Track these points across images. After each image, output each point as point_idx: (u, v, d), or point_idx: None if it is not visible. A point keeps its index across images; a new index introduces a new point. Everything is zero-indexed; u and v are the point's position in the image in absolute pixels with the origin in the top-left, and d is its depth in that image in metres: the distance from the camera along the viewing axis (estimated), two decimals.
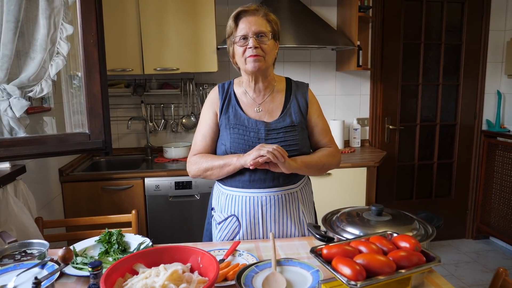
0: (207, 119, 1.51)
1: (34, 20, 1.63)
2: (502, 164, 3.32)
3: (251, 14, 1.38)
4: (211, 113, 1.51)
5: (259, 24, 1.37)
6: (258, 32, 1.36)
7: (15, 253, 1.26)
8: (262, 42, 1.37)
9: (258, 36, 1.37)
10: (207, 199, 1.66)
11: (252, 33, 1.36)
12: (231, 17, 1.41)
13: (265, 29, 1.38)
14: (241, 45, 1.38)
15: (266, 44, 1.38)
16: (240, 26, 1.38)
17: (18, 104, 1.61)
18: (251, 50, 1.36)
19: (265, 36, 1.38)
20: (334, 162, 1.53)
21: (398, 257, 0.89)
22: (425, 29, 3.35)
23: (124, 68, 2.67)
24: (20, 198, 1.80)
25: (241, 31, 1.37)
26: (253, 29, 1.36)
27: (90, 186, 2.48)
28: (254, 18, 1.38)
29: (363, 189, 2.80)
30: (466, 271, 3.08)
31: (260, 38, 1.37)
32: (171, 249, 1.09)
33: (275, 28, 1.43)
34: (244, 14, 1.39)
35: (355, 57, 2.95)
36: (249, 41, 1.36)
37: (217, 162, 1.42)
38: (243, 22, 1.38)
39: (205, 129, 1.51)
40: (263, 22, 1.38)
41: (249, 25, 1.36)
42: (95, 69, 1.67)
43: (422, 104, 3.47)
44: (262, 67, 1.39)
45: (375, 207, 1.21)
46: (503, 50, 3.46)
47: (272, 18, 1.42)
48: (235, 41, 1.40)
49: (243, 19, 1.38)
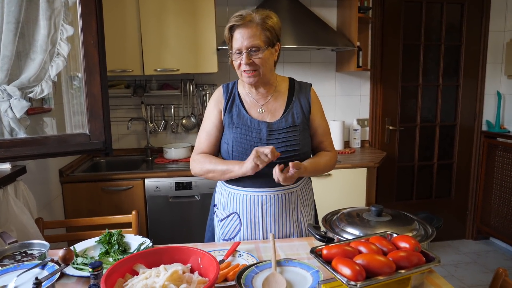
0: (212, 117, 1.52)
1: (34, 21, 1.63)
2: (502, 165, 3.32)
3: (244, 26, 1.36)
4: (216, 111, 1.52)
5: (252, 38, 1.35)
6: (250, 46, 1.35)
7: (15, 254, 1.26)
8: (255, 56, 1.37)
9: (251, 50, 1.36)
10: (208, 199, 1.67)
11: (245, 47, 1.35)
12: (226, 28, 1.41)
13: (258, 42, 1.36)
14: (235, 59, 1.40)
15: (259, 58, 1.37)
16: (235, 36, 1.38)
17: (18, 105, 1.61)
18: (244, 65, 1.37)
19: (258, 50, 1.37)
20: (332, 165, 1.58)
21: (398, 257, 0.89)
22: (425, 30, 3.35)
23: (124, 69, 2.67)
24: (21, 198, 1.80)
25: (236, 43, 1.38)
26: (245, 43, 1.35)
27: (90, 186, 2.48)
28: (247, 31, 1.35)
29: (363, 189, 2.80)
30: (466, 272, 3.08)
31: (253, 53, 1.36)
32: (171, 250, 1.10)
33: (273, 35, 1.40)
34: (238, 26, 1.37)
35: (355, 58, 2.95)
36: (242, 56, 1.36)
37: (220, 167, 1.44)
38: (236, 34, 1.38)
39: (210, 127, 1.52)
40: (256, 33, 1.36)
41: (241, 39, 1.36)
42: (95, 70, 1.67)
43: (422, 104, 3.47)
44: (258, 81, 1.42)
45: (375, 207, 1.21)
46: (503, 50, 3.46)
47: (269, 26, 1.38)
48: (231, 53, 1.41)
49: (236, 30, 1.38)
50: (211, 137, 1.52)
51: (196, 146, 1.55)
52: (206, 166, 1.47)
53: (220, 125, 1.52)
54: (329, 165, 1.55)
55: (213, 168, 1.45)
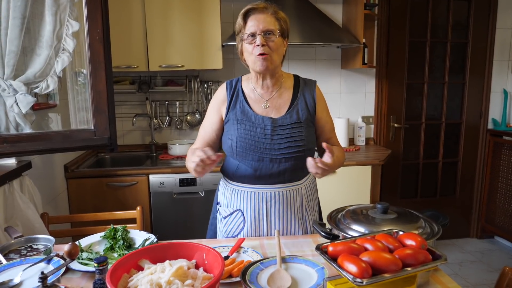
0: (211, 117, 1.53)
1: (40, 17, 1.63)
2: (508, 163, 3.30)
3: (260, 12, 1.39)
4: (215, 110, 1.52)
5: (267, 22, 1.38)
6: (265, 30, 1.37)
7: (21, 248, 1.27)
8: (269, 39, 1.38)
9: (265, 34, 1.37)
10: (212, 196, 1.66)
11: (260, 31, 1.37)
12: (240, 15, 1.42)
13: (273, 27, 1.39)
14: (249, 43, 1.39)
15: (273, 42, 1.38)
16: (249, 23, 1.39)
17: (24, 100, 1.62)
18: (258, 47, 1.36)
19: (273, 34, 1.38)
20: (343, 160, 1.55)
21: (404, 255, 0.88)
22: (431, 27, 3.32)
23: (129, 65, 2.68)
24: (26, 193, 1.81)
25: (250, 28, 1.38)
26: (261, 27, 1.37)
27: (95, 182, 2.49)
28: (263, 16, 1.38)
29: (367, 187, 2.79)
30: (470, 271, 3.07)
31: (267, 36, 1.38)
32: (176, 246, 1.10)
33: (284, 26, 1.43)
34: (253, 12, 1.39)
35: (361, 55, 2.94)
36: (257, 38, 1.37)
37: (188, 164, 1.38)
38: (251, 20, 1.39)
39: (207, 125, 1.53)
40: (271, 20, 1.39)
41: (257, 23, 1.37)
42: (101, 66, 1.67)
43: (428, 102, 3.45)
44: (270, 67, 1.40)
45: (381, 205, 1.20)
46: (509, 48, 3.43)
47: (281, 16, 1.42)
48: (244, 39, 1.40)
49: (251, 16, 1.39)
50: (206, 135, 1.53)
51: (194, 143, 1.56)
52: (187, 161, 1.43)
53: (217, 124, 1.52)
54: (341, 160, 1.51)
55: (187, 165, 1.41)
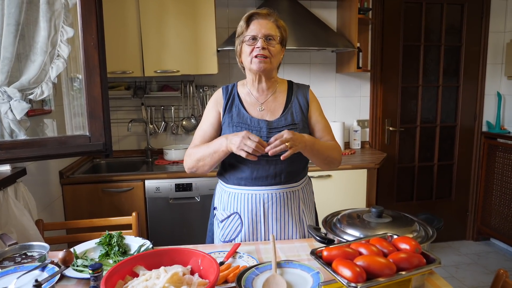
0: (209, 117, 1.54)
1: (34, 23, 1.63)
2: (503, 166, 3.32)
3: (263, 17, 1.45)
4: (214, 111, 1.54)
5: (269, 28, 1.43)
6: (267, 34, 1.42)
7: (15, 256, 1.26)
8: (270, 44, 1.43)
9: (267, 38, 1.42)
10: (208, 201, 1.67)
11: (262, 34, 1.42)
12: (243, 18, 1.46)
13: (274, 33, 1.44)
14: (249, 44, 1.43)
15: (273, 47, 1.44)
16: (251, 27, 1.44)
17: (18, 107, 1.62)
18: (258, 50, 1.41)
19: (274, 40, 1.44)
20: (337, 157, 1.53)
21: (399, 259, 0.89)
22: (425, 30, 3.35)
23: (125, 70, 2.68)
24: (21, 200, 1.80)
25: (252, 31, 1.43)
26: (263, 31, 1.42)
27: (90, 188, 2.48)
28: (265, 22, 1.44)
29: (363, 190, 2.80)
30: (466, 273, 3.07)
31: (268, 41, 1.43)
32: (171, 251, 1.10)
33: (284, 35, 1.49)
34: (256, 17, 1.45)
35: (355, 59, 2.95)
36: (258, 41, 1.41)
37: (208, 150, 1.42)
38: (254, 24, 1.44)
39: (206, 126, 1.54)
40: (273, 26, 1.45)
41: (259, 27, 1.43)
42: (96, 72, 1.67)
43: (422, 105, 3.47)
44: (266, 68, 1.44)
45: (375, 209, 1.21)
46: (503, 51, 3.46)
47: (281, 25, 1.48)
48: (244, 40, 1.44)
49: (254, 21, 1.45)
50: (206, 135, 1.53)
51: (191, 143, 1.56)
52: (195, 156, 1.46)
53: (216, 125, 1.53)
54: (331, 151, 1.49)
55: (202, 155, 1.44)
